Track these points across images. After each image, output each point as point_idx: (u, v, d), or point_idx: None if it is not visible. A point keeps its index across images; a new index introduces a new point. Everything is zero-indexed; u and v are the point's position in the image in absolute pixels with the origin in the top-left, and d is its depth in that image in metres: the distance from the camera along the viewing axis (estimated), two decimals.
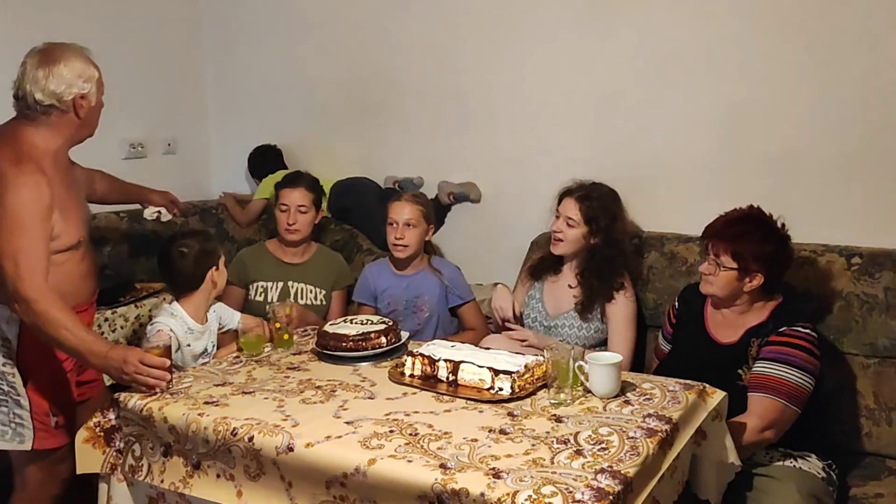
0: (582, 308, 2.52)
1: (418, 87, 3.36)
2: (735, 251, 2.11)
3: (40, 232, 2.01)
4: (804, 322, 2.10)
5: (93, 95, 2.12)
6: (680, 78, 2.80)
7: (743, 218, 2.17)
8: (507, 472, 1.52)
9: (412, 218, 2.70)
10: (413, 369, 2.05)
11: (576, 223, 2.52)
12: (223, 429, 1.80)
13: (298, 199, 2.90)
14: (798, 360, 2.02)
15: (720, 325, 2.21)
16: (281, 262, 2.96)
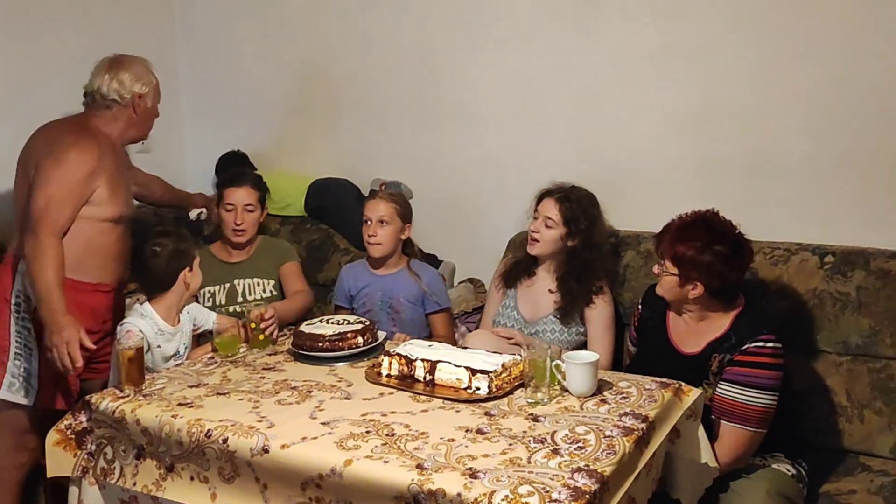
0: (563, 313, 2.52)
1: (395, 86, 3.34)
2: (675, 256, 2.07)
3: (77, 191, 2.34)
4: (767, 333, 2.03)
5: (149, 97, 2.50)
6: (655, 79, 2.81)
7: (692, 223, 2.10)
8: (483, 472, 1.51)
9: (386, 215, 2.68)
10: (390, 369, 2.04)
11: (554, 224, 2.52)
12: (197, 430, 1.78)
13: (245, 198, 2.80)
14: (764, 382, 1.99)
15: (682, 333, 2.18)
16: (225, 264, 2.84)
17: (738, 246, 2.08)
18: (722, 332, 2.09)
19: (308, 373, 2.10)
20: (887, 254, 2.37)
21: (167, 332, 2.31)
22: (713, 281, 2.06)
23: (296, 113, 3.62)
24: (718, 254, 2.04)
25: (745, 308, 2.12)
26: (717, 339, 2.09)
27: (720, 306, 2.12)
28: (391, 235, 2.69)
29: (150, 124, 2.58)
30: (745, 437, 2.00)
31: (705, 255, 2.03)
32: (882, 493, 2.11)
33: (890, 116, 2.46)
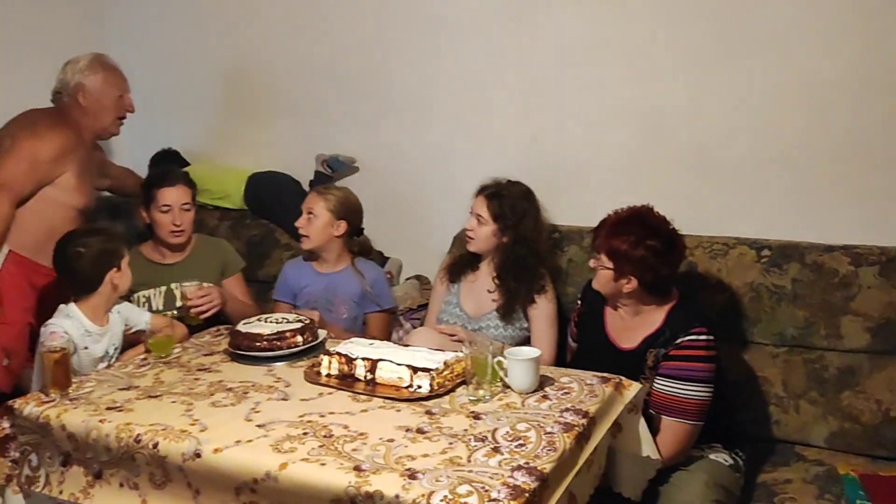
0: (504, 312, 2.52)
1: (336, 79, 3.29)
2: (610, 251, 2.09)
3: (44, 168, 2.54)
4: (699, 326, 2.05)
5: (91, 88, 2.67)
6: (598, 74, 2.82)
7: (627, 219, 2.13)
8: (422, 473, 1.49)
9: (314, 208, 2.63)
10: (330, 368, 2.00)
11: (485, 220, 2.51)
12: (126, 435, 1.72)
13: (181, 197, 2.68)
14: (699, 375, 2.02)
15: (619, 328, 2.19)
16: (159, 266, 2.73)
17: (671, 241, 2.11)
18: (656, 328, 2.11)
19: (245, 373, 2.04)
20: (821, 247, 2.42)
21: (95, 332, 2.22)
22: (646, 275, 2.08)
23: (233, 106, 3.54)
24: (652, 248, 2.06)
25: (678, 302, 2.14)
26: (652, 334, 2.11)
27: (654, 300, 2.14)
28: (319, 230, 2.64)
29: (107, 117, 2.73)
30: (684, 431, 2.02)
31: (639, 249, 2.06)
32: (817, 483, 2.15)
33: (824, 113, 2.51)
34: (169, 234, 2.69)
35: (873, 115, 2.45)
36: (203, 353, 2.23)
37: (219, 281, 2.78)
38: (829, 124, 2.52)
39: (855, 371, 2.32)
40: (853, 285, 2.33)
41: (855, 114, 2.47)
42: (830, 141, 2.52)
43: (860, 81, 2.45)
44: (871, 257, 2.34)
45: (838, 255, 2.38)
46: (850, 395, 2.31)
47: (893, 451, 2.25)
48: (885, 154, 2.46)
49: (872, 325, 2.31)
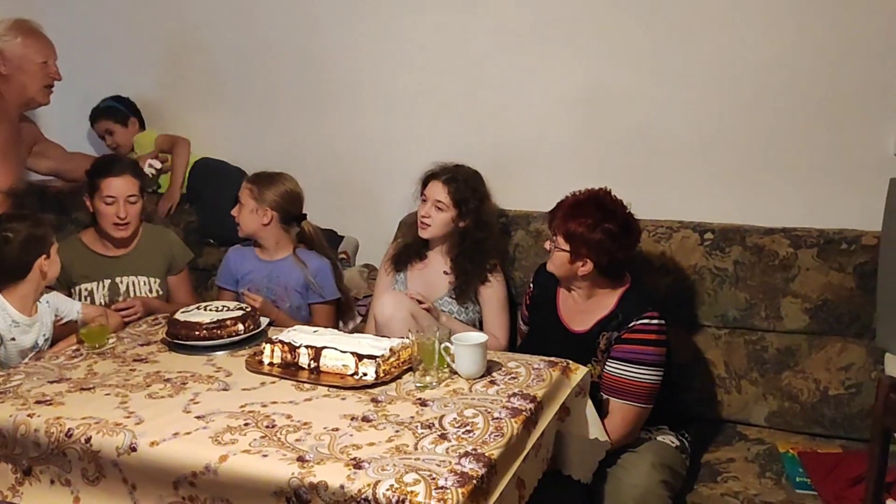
0: (459, 292, 2.49)
1: (277, 62, 3.20)
2: (567, 233, 2.08)
3: None
4: (651, 311, 2.05)
5: (11, 54, 2.58)
6: (542, 57, 2.80)
7: (584, 201, 2.12)
8: (368, 462, 1.45)
9: (242, 195, 2.58)
10: (272, 357, 1.95)
11: (445, 206, 2.47)
12: (56, 430, 1.64)
13: (127, 189, 2.56)
14: (650, 358, 2.03)
15: (572, 311, 2.20)
16: (103, 258, 2.62)
17: (627, 225, 2.11)
18: (609, 311, 2.11)
19: (183, 363, 1.98)
20: (762, 230, 2.45)
21: (23, 323, 2.12)
22: (602, 258, 2.08)
23: (169, 88, 3.41)
24: (608, 232, 2.06)
25: (631, 286, 2.15)
26: (605, 317, 2.11)
27: (608, 284, 2.14)
28: (246, 218, 2.58)
29: (32, 86, 2.66)
30: (633, 413, 2.04)
31: (595, 232, 2.06)
32: (758, 461, 2.20)
33: (765, 97, 2.54)
34: (112, 226, 2.57)
35: (812, 98, 2.49)
36: (139, 342, 2.15)
37: (164, 276, 2.70)
38: (768, 107, 2.55)
39: (794, 351, 2.37)
40: (793, 267, 2.37)
41: (794, 97, 2.51)
42: (770, 124, 2.55)
43: (799, 64, 2.49)
44: (810, 239, 2.38)
45: (778, 237, 2.42)
46: (790, 374, 2.36)
47: (830, 429, 2.30)
48: (823, 137, 2.50)
49: (811, 306, 2.35)
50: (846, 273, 2.32)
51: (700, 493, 2.07)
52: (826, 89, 2.47)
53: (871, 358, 2.29)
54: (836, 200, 2.48)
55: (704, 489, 2.09)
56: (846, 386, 2.30)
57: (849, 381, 2.30)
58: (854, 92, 2.45)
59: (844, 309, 2.33)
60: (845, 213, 2.43)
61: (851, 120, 2.47)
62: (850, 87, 2.45)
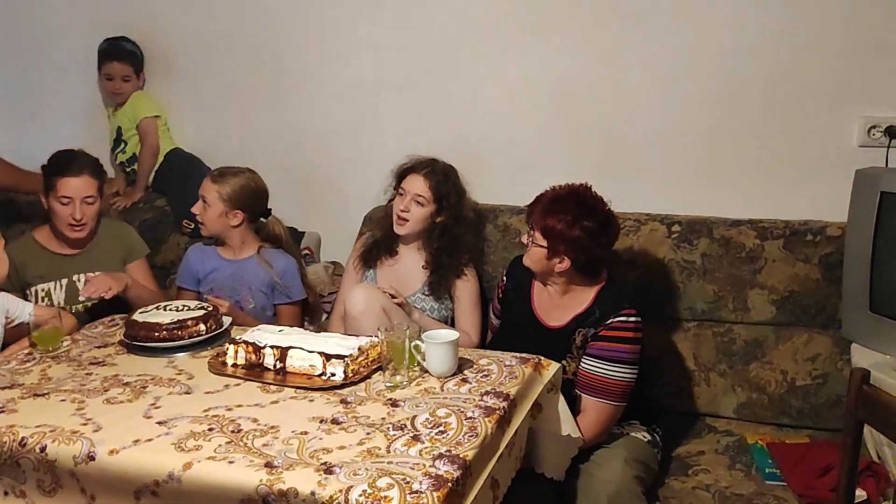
0: (433, 288, 2.45)
1: (236, 53, 3.12)
2: (545, 229, 2.04)
3: None
4: (628, 308, 2.03)
5: None
6: (506, 49, 2.77)
7: (564, 196, 2.08)
8: (339, 467, 1.41)
9: (207, 195, 2.48)
10: (236, 358, 1.89)
11: (425, 201, 2.41)
12: (9, 439, 1.57)
13: (84, 189, 2.44)
14: (625, 356, 2.01)
15: (546, 306, 2.17)
16: (59, 256, 2.51)
17: (606, 222, 2.08)
18: (585, 307, 2.09)
19: (143, 366, 1.91)
20: (728, 222, 2.46)
21: None
22: (580, 256, 2.05)
23: None
24: (587, 229, 2.02)
25: (607, 283, 2.13)
26: (581, 313, 2.09)
27: (584, 280, 2.12)
28: (213, 219, 2.50)
29: None
30: (607, 411, 2.02)
31: (574, 229, 2.02)
32: (728, 453, 2.20)
33: (730, 90, 2.55)
34: (67, 227, 2.46)
35: (777, 90, 2.51)
36: (96, 345, 2.07)
37: (122, 269, 2.60)
38: (734, 100, 2.56)
39: (761, 343, 2.38)
40: (759, 259, 2.38)
41: (759, 89, 2.52)
42: (735, 116, 2.57)
43: (764, 56, 2.50)
44: (776, 231, 2.39)
45: (745, 229, 2.42)
46: (757, 366, 2.37)
47: (798, 420, 2.32)
48: (787, 129, 2.52)
49: (777, 297, 2.37)
50: (812, 264, 2.34)
51: (672, 487, 2.07)
52: (790, 81, 2.49)
53: (836, 348, 2.31)
54: (800, 192, 2.51)
55: (676, 483, 2.08)
56: (813, 377, 2.32)
57: (815, 371, 2.32)
58: (818, 84, 2.47)
59: (811, 300, 2.34)
60: (810, 205, 2.45)
61: (815, 112, 2.49)
62: (814, 79, 2.47)
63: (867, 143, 2.45)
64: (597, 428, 2.00)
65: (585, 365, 2.04)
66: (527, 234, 2.13)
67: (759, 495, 1.98)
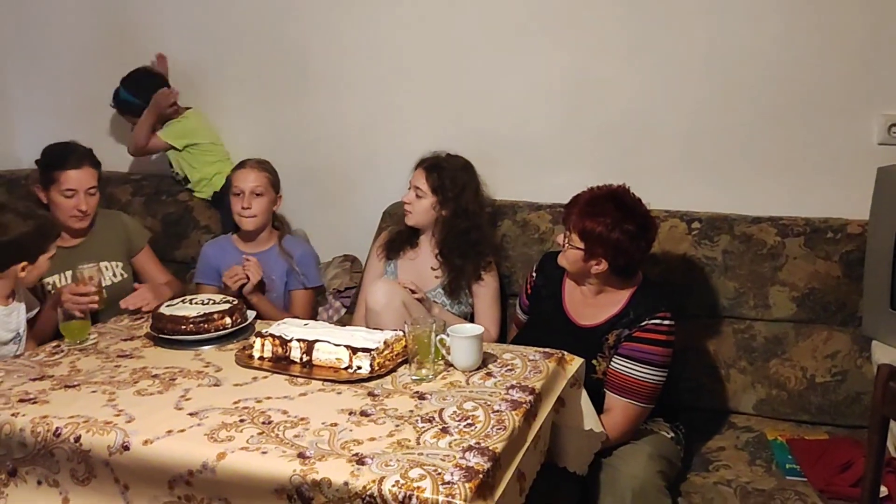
0: (450, 290, 2.47)
1: (255, 50, 3.14)
2: (583, 231, 2.01)
3: None
4: (663, 311, 2.02)
5: None
6: (526, 46, 2.78)
7: (602, 198, 2.05)
8: (371, 458, 1.42)
9: (259, 185, 2.52)
10: (263, 351, 1.90)
11: (424, 193, 2.47)
12: (43, 429, 1.58)
13: (87, 181, 2.48)
14: (658, 359, 2.01)
15: (578, 304, 2.16)
16: (61, 248, 2.47)
17: (645, 225, 2.05)
18: (620, 309, 2.08)
19: (170, 359, 1.93)
20: (749, 219, 2.47)
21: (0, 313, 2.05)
22: (619, 259, 2.03)
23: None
24: (627, 232, 2.00)
25: (642, 284, 2.12)
26: (616, 315, 2.08)
27: (619, 282, 2.10)
28: (265, 207, 2.54)
29: None
30: (634, 412, 2.02)
31: (614, 232, 1.99)
32: (748, 449, 2.21)
33: (751, 86, 2.55)
34: (71, 218, 2.50)
35: (798, 87, 2.50)
36: (122, 337, 2.09)
37: (126, 259, 2.62)
38: (754, 96, 2.56)
39: (782, 340, 2.38)
40: (780, 256, 2.39)
41: (780, 85, 2.52)
42: (756, 113, 2.56)
43: (785, 53, 2.50)
44: (797, 228, 2.40)
45: (766, 226, 2.43)
46: (777, 363, 2.38)
47: (817, 416, 2.33)
48: (808, 126, 2.52)
49: (798, 294, 2.37)
50: (832, 261, 2.34)
51: (693, 482, 2.08)
52: (812, 78, 2.49)
53: (856, 346, 2.31)
54: (821, 189, 2.51)
55: (697, 478, 2.09)
56: (832, 374, 2.32)
57: (835, 368, 2.32)
58: (839, 81, 2.47)
59: (831, 297, 2.35)
60: (831, 202, 2.45)
61: (836, 109, 2.48)
62: (836, 76, 2.47)
63: (887, 140, 2.44)
64: (622, 427, 2.01)
65: (616, 365, 2.03)
66: (563, 234, 2.10)
67: (780, 490, 1.99)
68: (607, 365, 2.05)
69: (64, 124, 3.31)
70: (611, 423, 1.97)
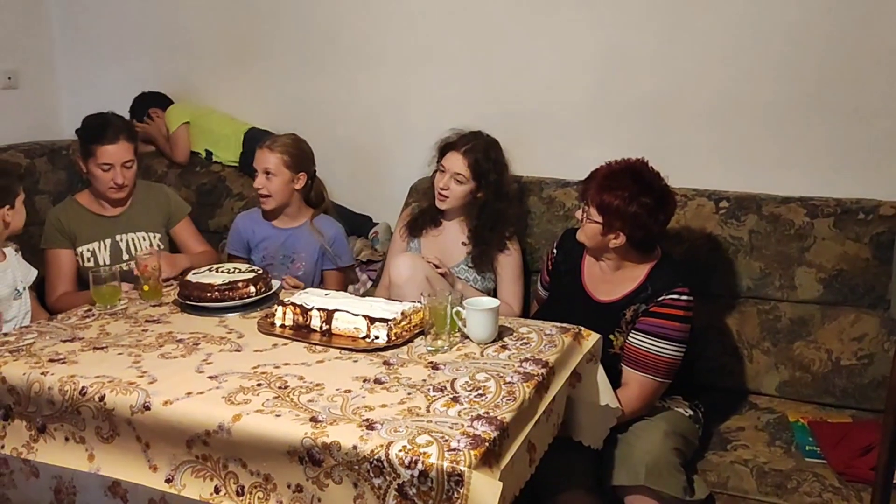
0: (477, 262, 2.47)
1: (290, 24, 3.17)
2: (601, 204, 2.00)
3: None
4: (681, 286, 2.01)
5: None
6: (558, 21, 2.76)
7: (620, 171, 2.03)
8: (381, 423, 1.45)
9: (272, 166, 2.53)
10: (284, 319, 1.94)
11: (464, 179, 2.43)
12: (70, 388, 1.64)
13: (123, 155, 2.53)
14: (675, 334, 2.00)
15: (597, 280, 2.16)
16: (101, 217, 2.61)
17: (663, 198, 2.04)
18: (638, 284, 2.07)
19: (195, 324, 1.98)
20: (778, 199, 2.43)
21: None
22: (637, 232, 2.02)
23: (185, 51, 3.39)
24: (644, 205, 1.99)
25: (661, 259, 2.11)
26: (633, 290, 2.07)
27: (638, 257, 2.10)
28: (280, 187, 2.55)
29: None
30: (651, 387, 2.02)
31: (631, 206, 1.98)
32: (768, 430, 2.20)
33: (784, 64, 2.51)
34: (109, 190, 2.57)
35: (833, 65, 2.45)
36: (151, 303, 2.15)
37: (164, 230, 2.69)
38: (787, 75, 2.51)
39: (807, 321, 2.36)
40: (808, 236, 2.35)
41: (814, 64, 2.47)
42: (789, 91, 2.52)
43: (820, 31, 2.45)
44: (827, 209, 2.36)
45: (794, 206, 2.39)
46: (802, 344, 2.35)
47: (841, 399, 2.30)
48: (842, 105, 2.46)
49: (825, 276, 2.33)
50: (862, 243, 2.30)
51: (710, 461, 2.08)
52: (845, 59, 2.44)
53: (884, 329, 2.28)
54: (854, 170, 2.46)
55: (714, 456, 2.09)
56: (858, 356, 2.29)
57: (861, 351, 2.29)
58: (876, 60, 2.40)
59: (859, 279, 2.31)
60: (864, 183, 2.40)
61: (869, 90, 2.43)
62: (873, 56, 2.40)
63: None
64: (638, 402, 2.01)
65: (633, 339, 2.03)
66: (581, 209, 2.10)
67: (798, 471, 1.98)
68: (624, 340, 2.05)
69: (105, 97, 3.39)
70: (626, 398, 1.97)
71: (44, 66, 3.53)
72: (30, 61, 3.46)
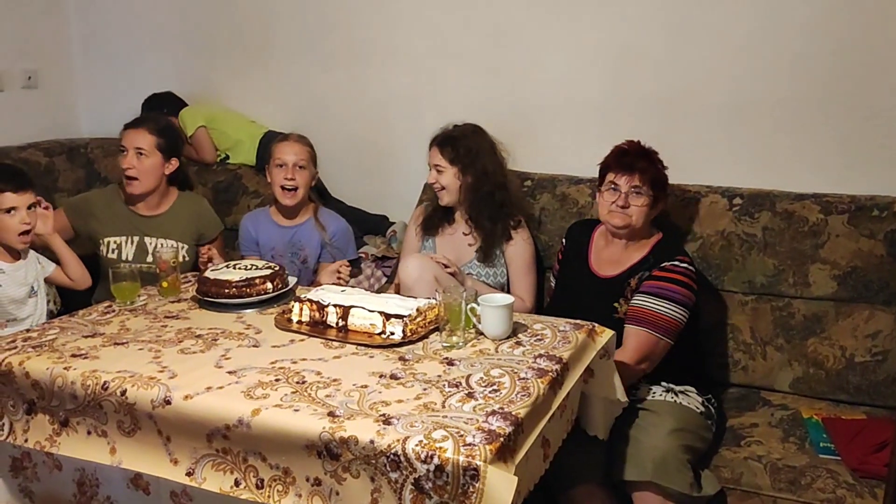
0: (484, 254, 2.49)
1: (302, 21, 3.19)
2: (653, 179, 2.16)
3: None
4: (682, 256, 2.15)
5: None
6: (569, 19, 2.77)
7: (640, 149, 2.21)
8: (397, 418, 1.47)
9: (302, 159, 2.57)
10: (301, 315, 1.97)
11: (444, 167, 2.48)
12: (92, 383, 1.67)
13: (138, 141, 2.55)
14: (675, 295, 2.07)
15: (603, 261, 2.24)
16: (134, 214, 2.63)
17: None
18: (642, 256, 2.18)
19: (214, 320, 2.01)
20: (792, 196, 2.43)
21: (7, 270, 2.16)
22: (667, 200, 2.23)
23: (201, 50, 3.42)
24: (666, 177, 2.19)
25: (663, 238, 2.23)
26: (636, 263, 2.18)
27: (645, 233, 2.22)
28: (307, 181, 2.59)
29: None
30: (648, 341, 2.07)
31: (663, 172, 2.19)
32: (782, 426, 2.20)
33: (798, 61, 2.51)
34: (123, 177, 2.59)
35: (848, 64, 2.45)
36: (170, 300, 2.18)
37: (192, 243, 2.71)
38: (801, 71, 2.51)
39: (821, 318, 2.36)
40: (822, 234, 2.35)
41: (829, 64, 2.47)
42: (803, 88, 2.52)
43: (834, 27, 2.44)
44: (841, 206, 2.36)
45: (808, 203, 2.39)
46: (816, 341, 2.35)
47: (855, 396, 2.30)
48: (857, 102, 2.46)
49: (840, 272, 2.33)
50: (876, 240, 2.30)
51: (723, 457, 2.08)
52: (859, 55, 2.43)
53: None
54: (869, 167, 2.45)
55: (728, 452, 2.10)
56: (872, 353, 2.29)
57: (875, 348, 2.29)
58: (890, 56, 2.40)
59: (873, 276, 2.31)
60: (880, 180, 2.40)
61: (883, 87, 2.42)
62: (886, 52, 2.40)
63: None
64: (634, 354, 2.05)
65: (636, 301, 2.11)
66: (622, 195, 2.16)
67: (812, 468, 1.99)
68: (629, 305, 2.12)
69: (123, 97, 3.45)
70: (625, 351, 2.02)
71: (63, 66, 3.57)
72: (49, 61, 3.51)
